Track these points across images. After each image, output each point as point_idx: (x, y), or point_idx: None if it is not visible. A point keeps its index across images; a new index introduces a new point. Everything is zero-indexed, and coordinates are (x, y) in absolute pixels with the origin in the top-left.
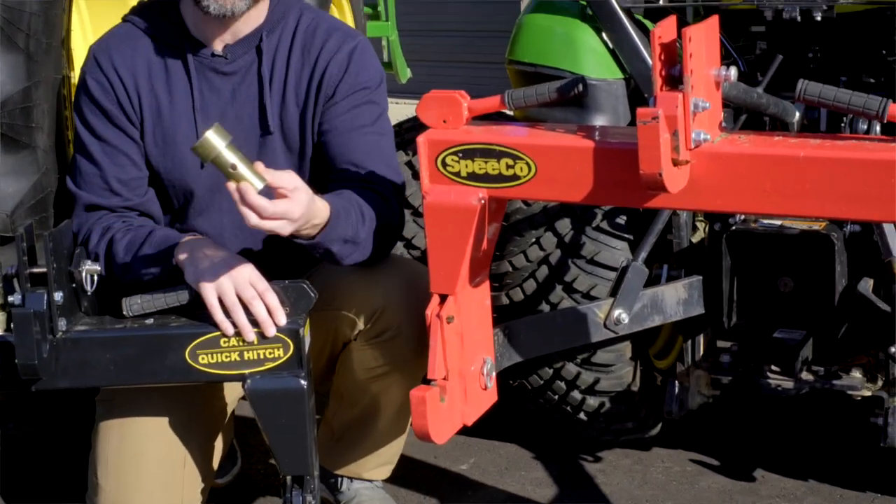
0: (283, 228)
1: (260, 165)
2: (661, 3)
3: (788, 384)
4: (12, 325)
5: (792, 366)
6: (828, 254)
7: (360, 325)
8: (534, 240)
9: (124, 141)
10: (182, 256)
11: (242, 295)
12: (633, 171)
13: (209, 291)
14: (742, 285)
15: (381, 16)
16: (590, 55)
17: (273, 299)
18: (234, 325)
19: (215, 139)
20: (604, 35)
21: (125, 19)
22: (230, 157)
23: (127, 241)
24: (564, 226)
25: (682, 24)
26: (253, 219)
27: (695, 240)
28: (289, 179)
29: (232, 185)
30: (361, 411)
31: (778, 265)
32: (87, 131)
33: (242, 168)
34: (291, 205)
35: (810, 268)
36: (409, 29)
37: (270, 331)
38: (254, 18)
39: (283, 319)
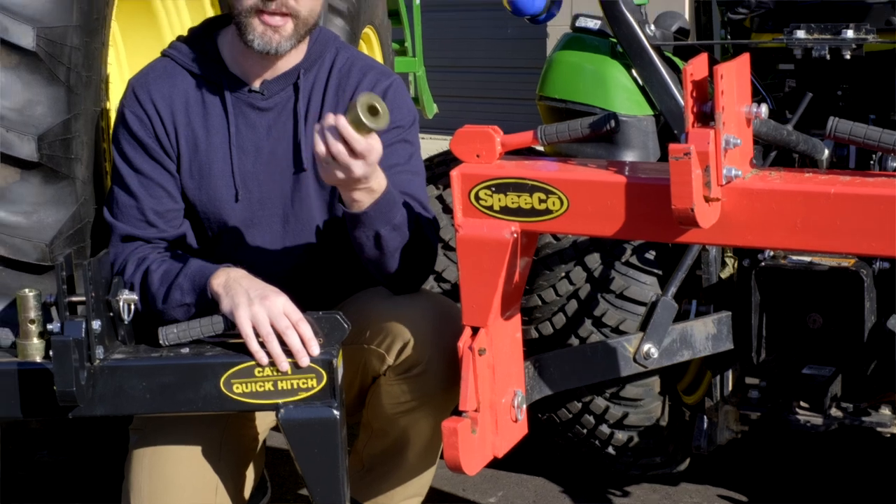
0: (358, 169)
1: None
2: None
3: (817, 420)
4: (51, 353)
5: (821, 402)
6: (857, 290)
7: (390, 360)
8: (563, 274)
9: (161, 173)
10: (218, 286)
11: (277, 325)
12: (664, 206)
13: (244, 321)
14: (771, 321)
15: (409, 52)
16: (620, 92)
17: (307, 330)
18: (268, 354)
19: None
20: (634, 72)
21: (164, 53)
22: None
23: (162, 272)
24: (594, 260)
25: (710, 61)
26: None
27: (724, 275)
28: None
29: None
30: (391, 444)
31: (807, 301)
32: (124, 163)
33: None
34: (373, 153)
35: (839, 304)
36: (436, 65)
37: (304, 361)
38: (292, 56)
39: (316, 350)
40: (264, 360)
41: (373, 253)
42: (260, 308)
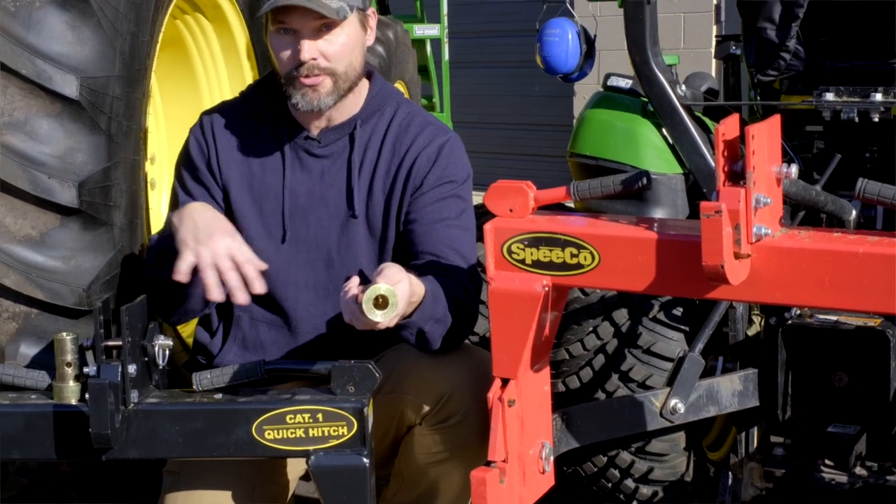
0: (392, 321)
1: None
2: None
3: (842, 479)
4: (87, 395)
5: (846, 461)
6: (883, 350)
7: (426, 409)
8: (591, 329)
9: (206, 199)
10: (175, 217)
11: (219, 265)
12: (695, 262)
13: (185, 255)
14: (797, 379)
15: (437, 107)
16: (650, 150)
17: (250, 270)
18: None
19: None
20: (664, 130)
21: (240, 94)
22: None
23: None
24: (621, 316)
25: (741, 122)
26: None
27: (750, 333)
28: (395, 273)
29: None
30: (421, 494)
31: (833, 360)
32: (178, 184)
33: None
34: (402, 299)
35: (865, 363)
36: (463, 121)
37: (241, 298)
38: (349, 108)
39: (258, 289)
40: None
41: (416, 343)
42: (204, 247)
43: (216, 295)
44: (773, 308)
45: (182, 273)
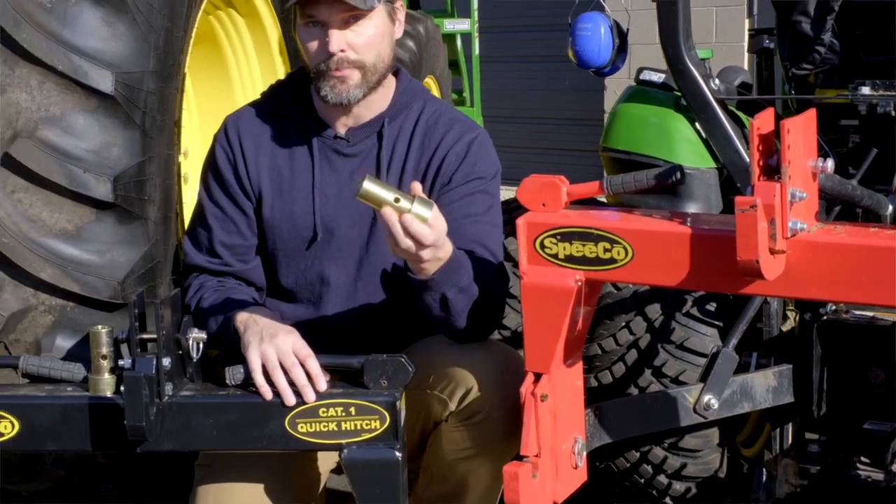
0: (427, 254)
1: (418, 188)
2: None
3: (878, 476)
4: (122, 388)
5: (882, 457)
6: None
7: (452, 406)
8: (623, 324)
9: (235, 210)
10: (238, 324)
11: (284, 362)
12: (729, 257)
13: (253, 357)
14: (832, 375)
15: (467, 102)
16: (684, 144)
17: (314, 366)
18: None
19: (373, 186)
20: (697, 125)
21: (262, 95)
22: (392, 194)
23: (210, 301)
24: (654, 311)
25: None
26: (407, 243)
27: (785, 329)
28: (435, 209)
29: (391, 215)
30: (450, 489)
31: (869, 356)
32: (205, 194)
33: (405, 202)
34: (438, 233)
35: None
36: (493, 115)
37: (309, 396)
38: (377, 105)
39: (322, 386)
40: (268, 394)
41: (440, 314)
42: (269, 345)
43: (292, 400)
44: (808, 303)
45: (264, 385)
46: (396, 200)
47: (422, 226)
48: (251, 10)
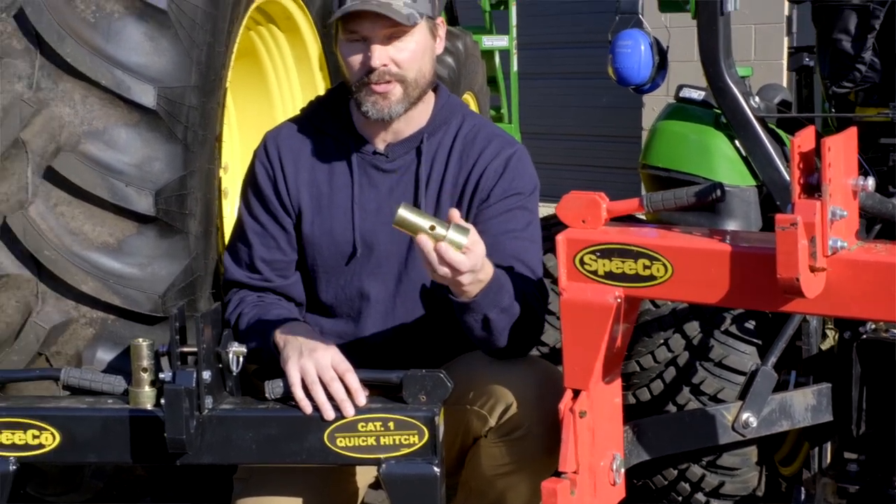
0: (466, 279)
1: (455, 215)
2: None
3: None
4: (163, 401)
5: None
6: None
7: (491, 422)
8: (662, 341)
9: (275, 227)
10: (279, 339)
11: (323, 376)
12: (769, 275)
13: (293, 372)
14: (871, 394)
15: (505, 118)
16: (723, 162)
17: (353, 381)
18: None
19: (408, 213)
20: (737, 142)
21: (301, 111)
22: (428, 222)
23: (250, 317)
24: (693, 328)
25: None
26: (444, 271)
27: (824, 347)
28: (473, 234)
29: (427, 243)
30: None
31: None
32: (245, 210)
33: (442, 230)
34: (476, 259)
35: None
36: (531, 132)
37: (349, 411)
38: (416, 121)
39: (362, 400)
40: (308, 408)
41: (481, 335)
42: (308, 360)
43: (331, 415)
44: (848, 322)
45: (303, 400)
46: (432, 228)
47: (457, 253)
48: (292, 26)
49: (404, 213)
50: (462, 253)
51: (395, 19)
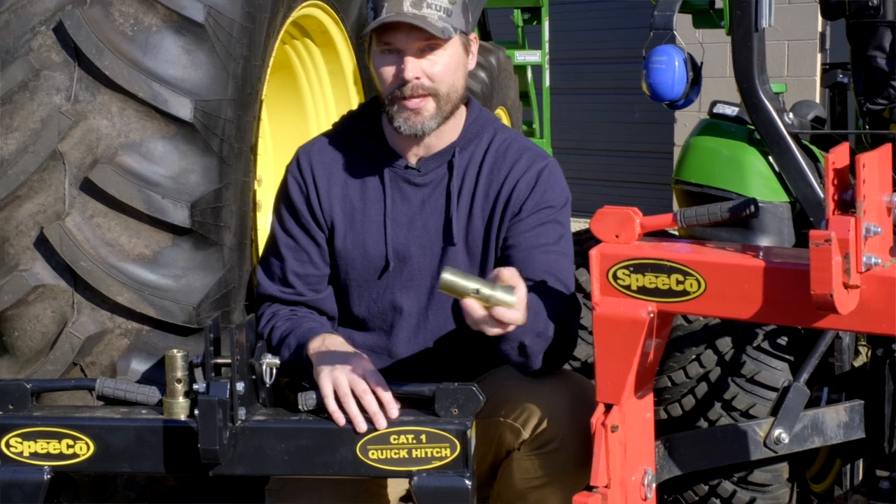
0: (511, 327)
1: (506, 274)
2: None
3: None
4: (197, 412)
5: None
6: None
7: (525, 435)
8: (694, 357)
9: (307, 240)
10: (312, 351)
11: (355, 388)
12: (802, 291)
13: (325, 383)
14: None
15: (537, 133)
16: (757, 178)
17: (385, 393)
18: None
19: (452, 277)
20: (770, 158)
21: (333, 126)
22: (474, 284)
23: (282, 330)
24: (725, 344)
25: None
26: (496, 331)
27: (857, 364)
28: (519, 282)
29: (476, 310)
30: None
31: None
32: (278, 224)
33: (487, 291)
34: (524, 309)
35: None
36: (563, 147)
37: (381, 423)
38: (447, 135)
39: (394, 412)
40: (341, 420)
41: (518, 360)
42: (340, 372)
43: (363, 427)
44: (881, 338)
45: (336, 412)
46: (477, 291)
47: (509, 312)
48: (327, 40)
49: (448, 276)
50: (512, 308)
51: (431, 32)
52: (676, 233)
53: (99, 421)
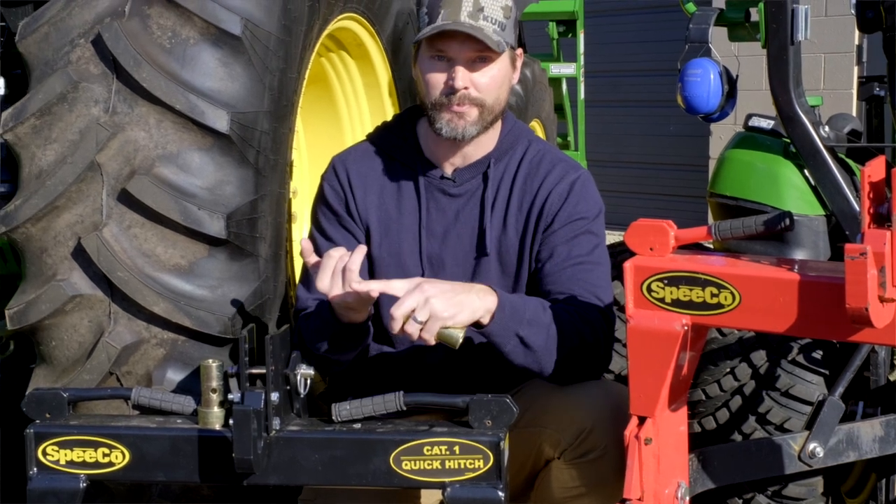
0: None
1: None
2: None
3: None
4: (231, 421)
5: None
6: None
7: (565, 444)
8: (728, 370)
9: (350, 242)
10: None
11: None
12: (838, 305)
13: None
14: None
15: (571, 145)
16: (792, 191)
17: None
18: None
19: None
20: (806, 172)
21: (367, 137)
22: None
23: (309, 320)
24: (759, 357)
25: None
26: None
27: (892, 378)
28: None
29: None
30: None
31: None
32: (318, 232)
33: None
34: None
35: None
36: (597, 159)
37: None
38: (484, 145)
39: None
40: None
41: (523, 361)
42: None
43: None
44: None
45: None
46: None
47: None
48: (363, 52)
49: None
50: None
51: (486, 44)
52: (711, 246)
53: (134, 430)
